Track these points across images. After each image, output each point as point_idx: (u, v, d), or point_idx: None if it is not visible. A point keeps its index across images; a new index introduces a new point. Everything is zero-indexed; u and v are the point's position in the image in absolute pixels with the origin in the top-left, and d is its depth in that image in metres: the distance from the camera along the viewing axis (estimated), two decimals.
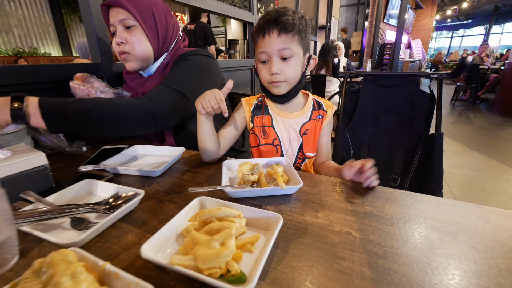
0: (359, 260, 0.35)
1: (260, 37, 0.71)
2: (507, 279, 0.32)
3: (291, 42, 0.70)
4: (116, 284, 0.30)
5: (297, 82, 0.76)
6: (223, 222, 0.39)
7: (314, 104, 0.82)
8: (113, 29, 0.80)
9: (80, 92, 0.78)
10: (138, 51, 0.80)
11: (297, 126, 0.80)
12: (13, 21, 5.22)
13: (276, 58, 0.71)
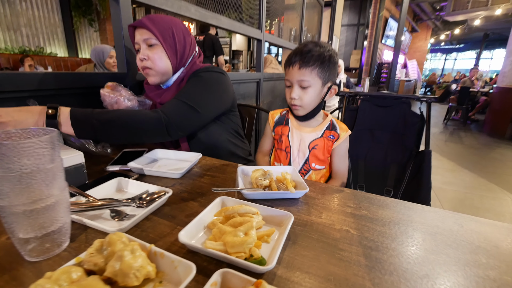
0: (356, 252, 0.43)
1: (287, 67, 0.88)
2: (472, 269, 0.40)
3: (309, 75, 0.83)
4: (162, 262, 0.38)
5: (313, 108, 0.91)
6: (244, 217, 0.47)
7: (330, 125, 0.95)
8: (137, 46, 0.90)
9: (110, 99, 0.86)
10: (159, 66, 0.89)
11: (307, 141, 0.93)
12: (23, 20, 5.27)
13: (296, 86, 0.86)
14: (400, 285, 0.37)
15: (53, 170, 0.38)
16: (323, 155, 0.93)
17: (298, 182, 0.66)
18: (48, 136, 0.37)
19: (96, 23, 6.34)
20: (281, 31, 3.36)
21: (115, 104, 0.88)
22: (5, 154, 0.34)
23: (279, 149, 0.98)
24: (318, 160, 0.94)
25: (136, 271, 0.33)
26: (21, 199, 0.36)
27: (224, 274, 0.34)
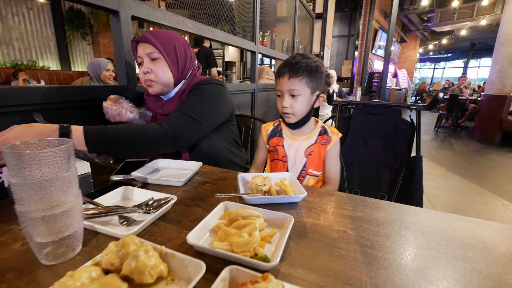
0: (353, 250, 0.46)
1: (277, 78, 0.93)
2: (460, 263, 0.44)
3: (299, 84, 0.88)
4: (173, 262, 0.40)
5: (304, 115, 0.95)
6: (247, 220, 0.50)
7: (321, 131, 1.00)
8: (140, 60, 0.94)
9: (112, 111, 0.89)
10: (162, 79, 0.93)
11: (303, 148, 0.97)
12: (15, 34, 5.28)
13: (287, 95, 0.91)
14: (394, 278, 0.40)
15: (69, 177, 0.41)
16: (319, 160, 0.97)
17: (296, 187, 0.69)
18: (65, 146, 0.40)
19: (89, 37, 6.39)
20: (274, 42, 3.46)
21: (117, 116, 0.91)
22: (27, 162, 0.36)
23: (276, 160, 1.01)
24: (315, 166, 0.97)
25: (150, 269, 0.35)
26: (40, 205, 0.38)
27: (232, 271, 0.37)
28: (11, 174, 0.37)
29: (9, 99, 0.77)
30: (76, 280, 0.32)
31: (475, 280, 0.40)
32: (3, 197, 0.62)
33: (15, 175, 0.36)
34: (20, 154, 0.36)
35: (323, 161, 1.00)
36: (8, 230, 0.50)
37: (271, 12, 2.80)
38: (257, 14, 2.20)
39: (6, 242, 0.47)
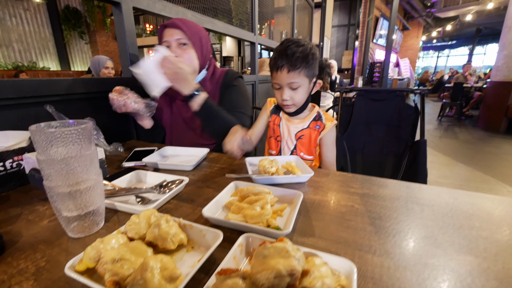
0: (362, 221, 0.49)
1: (274, 70, 0.89)
2: (466, 231, 0.46)
3: (298, 76, 0.86)
4: (191, 232, 0.42)
5: (303, 103, 0.95)
6: (258, 196, 0.52)
7: (316, 116, 1.00)
8: (166, 44, 0.97)
9: (118, 102, 0.91)
10: (191, 65, 0.97)
11: (294, 131, 0.99)
12: (14, 36, 5.31)
13: (286, 88, 0.89)
14: (403, 244, 0.42)
15: (91, 156, 0.43)
16: (310, 145, 0.99)
17: (303, 168, 0.71)
18: (85, 126, 0.42)
19: (86, 36, 6.40)
20: (272, 34, 3.44)
21: (123, 107, 0.93)
22: (53, 140, 0.38)
23: (272, 137, 1.04)
24: (306, 150, 0.99)
25: (172, 236, 0.38)
26: (66, 181, 0.40)
27: (248, 238, 0.39)
28: (39, 151, 0.39)
29: (22, 91, 0.79)
30: (107, 244, 0.34)
31: (481, 245, 0.42)
32: (25, 183, 0.65)
33: (43, 152, 0.39)
34: (46, 132, 0.38)
35: (319, 148, 1.00)
36: (34, 210, 0.53)
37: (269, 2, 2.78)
38: (256, 4, 2.19)
39: (34, 220, 0.49)
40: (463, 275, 0.36)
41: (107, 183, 0.59)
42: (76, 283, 0.34)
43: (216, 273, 0.30)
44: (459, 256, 0.39)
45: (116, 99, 0.93)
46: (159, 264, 0.31)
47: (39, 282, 0.35)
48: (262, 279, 0.27)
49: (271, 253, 0.30)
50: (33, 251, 0.41)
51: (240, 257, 0.37)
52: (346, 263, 0.34)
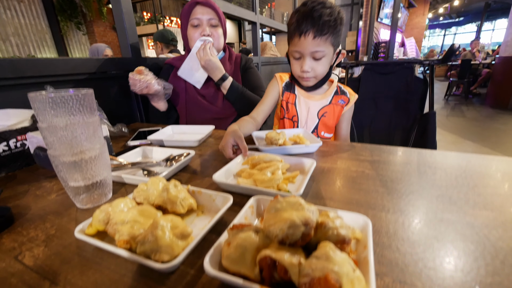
0: (373, 184, 0.47)
1: (296, 35, 0.76)
2: (481, 189, 0.44)
3: (324, 44, 0.75)
4: (201, 198, 0.42)
5: (324, 76, 0.84)
6: (270, 163, 0.51)
7: (338, 90, 0.90)
8: (197, 22, 0.98)
9: (141, 83, 0.89)
10: (220, 44, 1.03)
11: (316, 108, 0.88)
12: (10, 30, 5.24)
13: (309, 57, 0.77)
14: (417, 202, 0.41)
15: (94, 124, 0.42)
16: (333, 122, 0.91)
17: (311, 139, 0.70)
18: (85, 92, 0.41)
19: (83, 26, 6.29)
20: (273, 16, 3.34)
21: (145, 89, 0.91)
22: (53, 106, 0.37)
23: (285, 118, 0.92)
24: (327, 128, 0.91)
25: (181, 200, 0.37)
26: (70, 150, 0.40)
27: (259, 199, 0.38)
28: (40, 119, 0.38)
29: (21, 71, 0.78)
30: (115, 207, 0.34)
31: (496, 201, 0.41)
32: (31, 163, 0.65)
33: (44, 120, 0.38)
34: (46, 97, 0.37)
35: (338, 123, 0.93)
36: (41, 186, 0.53)
37: None
38: None
39: (42, 195, 0.49)
40: (479, 227, 0.35)
41: (113, 158, 0.59)
42: (87, 247, 0.34)
43: (228, 229, 0.30)
44: (474, 211, 0.38)
45: (139, 80, 0.90)
46: (170, 223, 0.31)
47: (50, 248, 0.34)
48: (276, 231, 0.27)
49: (283, 206, 0.29)
50: (42, 221, 0.41)
51: (251, 218, 0.36)
52: (360, 218, 0.33)
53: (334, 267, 0.23)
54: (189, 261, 0.30)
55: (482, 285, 0.26)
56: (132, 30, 1.09)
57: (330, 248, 0.25)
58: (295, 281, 0.23)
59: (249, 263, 0.26)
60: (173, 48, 2.30)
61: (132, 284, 0.28)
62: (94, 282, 0.28)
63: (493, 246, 0.31)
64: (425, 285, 0.26)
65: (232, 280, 0.25)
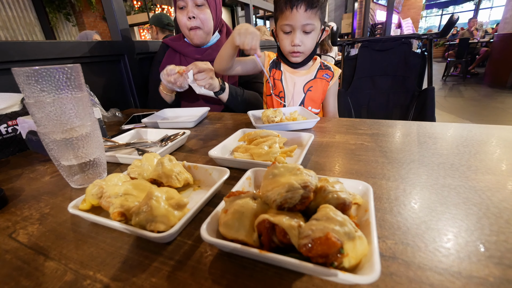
0: (373, 155, 0.47)
1: (287, 8, 0.77)
2: (483, 155, 0.44)
3: (314, 18, 0.77)
4: (197, 172, 0.41)
5: (311, 52, 0.86)
6: (266, 138, 0.50)
7: (321, 65, 0.92)
8: (182, 4, 0.91)
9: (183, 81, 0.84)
10: (208, 27, 0.94)
11: (301, 83, 0.90)
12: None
13: (299, 31, 0.79)
14: (419, 171, 0.40)
15: (83, 99, 0.40)
16: (319, 96, 0.92)
17: (308, 115, 0.68)
18: (72, 65, 0.39)
19: (72, 17, 6.10)
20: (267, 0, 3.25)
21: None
22: (38, 80, 0.36)
23: (272, 95, 0.94)
24: (314, 103, 0.92)
25: (177, 174, 0.36)
26: (59, 127, 0.38)
27: (256, 171, 0.37)
28: (26, 95, 0.36)
29: (8, 55, 0.75)
30: (109, 181, 0.33)
31: (500, 166, 0.40)
32: (24, 149, 0.63)
33: (31, 95, 0.36)
34: (31, 70, 0.35)
35: (325, 98, 0.94)
36: (35, 170, 0.52)
37: None
38: None
39: (36, 177, 0.48)
40: (482, 190, 0.34)
41: (107, 139, 0.57)
42: (82, 223, 0.33)
43: (225, 197, 0.29)
44: (477, 176, 0.37)
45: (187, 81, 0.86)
46: (165, 195, 0.30)
47: (45, 225, 0.34)
48: (274, 195, 0.26)
49: (281, 172, 0.28)
50: (36, 201, 0.40)
51: (249, 189, 0.36)
52: (360, 184, 0.32)
53: (335, 226, 0.22)
54: (186, 232, 0.30)
55: (487, 244, 0.25)
56: (121, 13, 1.05)
57: (331, 209, 0.24)
58: (295, 243, 0.23)
59: (247, 229, 0.25)
60: (168, 33, 2.24)
61: (129, 255, 0.27)
62: (89, 255, 0.27)
63: (497, 207, 0.31)
64: (428, 246, 0.26)
65: (231, 246, 0.24)
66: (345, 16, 8.36)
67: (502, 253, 0.24)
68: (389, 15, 6.93)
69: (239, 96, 0.92)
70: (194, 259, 0.26)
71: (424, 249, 0.25)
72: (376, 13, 8.30)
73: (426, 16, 17.49)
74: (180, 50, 1.01)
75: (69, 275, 0.25)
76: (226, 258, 0.26)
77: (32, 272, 0.26)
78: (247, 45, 0.70)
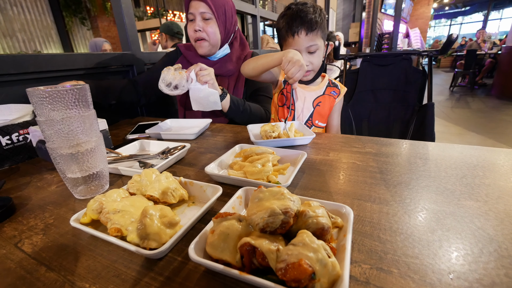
0: (362, 175, 0.48)
1: (289, 36, 0.85)
2: (469, 179, 0.45)
3: (316, 38, 0.84)
4: (192, 189, 0.43)
5: (319, 68, 0.93)
6: (261, 155, 0.52)
7: (330, 83, 0.99)
8: (191, 17, 0.95)
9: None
10: (213, 40, 0.97)
11: (311, 98, 0.97)
12: (16, 26, 5.27)
13: (305, 53, 0.86)
14: (404, 193, 0.42)
15: (90, 117, 0.43)
16: (326, 111, 0.98)
17: (305, 131, 0.70)
18: (81, 87, 0.42)
19: (87, 21, 6.30)
20: (275, 9, 3.31)
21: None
22: (49, 101, 0.39)
23: (285, 106, 1.00)
24: (321, 117, 0.98)
25: (172, 191, 0.39)
26: (67, 142, 0.41)
27: (247, 191, 0.39)
28: (38, 113, 0.39)
29: (23, 67, 0.79)
30: (108, 197, 0.35)
31: (482, 191, 0.41)
32: (33, 156, 0.67)
33: (42, 113, 0.39)
34: (43, 91, 0.38)
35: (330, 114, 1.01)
36: (42, 178, 0.55)
37: None
38: None
39: (43, 186, 0.51)
40: (461, 217, 0.35)
41: (110, 150, 0.60)
42: (82, 235, 0.36)
43: (214, 218, 0.31)
44: (459, 202, 0.39)
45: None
46: (159, 212, 0.32)
47: (48, 235, 0.36)
48: (257, 219, 0.28)
49: (266, 196, 0.30)
50: (42, 211, 0.43)
51: (239, 208, 0.38)
52: (343, 208, 0.34)
53: (308, 253, 0.24)
54: (177, 249, 0.32)
55: (456, 273, 0.27)
56: (131, 26, 1.10)
57: (307, 235, 0.26)
58: (272, 266, 0.25)
59: (231, 250, 0.27)
60: (177, 41, 2.30)
61: (122, 269, 0.29)
62: (87, 267, 0.30)
63: (474, 235, 0.32)
64: (401, 272, 0.27)
65: (213, 266, 0.26)
66: (352, 25, 8.40)
67: (469, 283, 0.26)
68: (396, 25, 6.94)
69: (240, 105, 0.94)
70: (181, 275, 0.28)
71: (397, 275, 0.27)
72: (384, 23, 8.32)
73: (434, 26, 17.42)
74: (190, 59, 1.06)
75: (67, 287, 0.27)
76: (211, 277, 0.28)
77: (34, 282, 0.28)
78: (291, 74, 0.71)
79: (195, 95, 0.81)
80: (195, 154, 0.64)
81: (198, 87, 0.80)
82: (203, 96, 0.81)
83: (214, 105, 0.83)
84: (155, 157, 0.59)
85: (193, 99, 0.82)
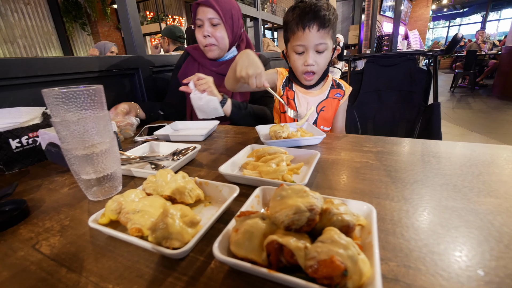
0: (377, 173, 0.48)
1: (299, 29, 0.78)
2: (486, 176, 0.45)
3: (327, 37, 0.78)
4: (208, 189, 0.43)
5: (323, 71, 0.87)
6: (274, 155, 0.52)
7: (333, 84, 0.93)
8: (199, 23, 0.97)
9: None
10: (222, 44, 0.99)
11: (314, 103, 0.91)
12: (17, 32, 5.31)
13: (312, 51, 0.80)
14: (421, 191, 0.41)
15: (104, 118, 0.43)
16: (331, 115, 0.93)
17: (314, 131, 0.70)
18: (96, 87, 0.42)
19: (88, 27, 6.36)
20: (275, 12, 3.33)
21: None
22: (65, 101, 0.38)
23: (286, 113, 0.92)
24: (326, 122, 0.93)
25: (189, 191, 0.38)
26: (81, 144, 0.41)
27: (264, 190, 0.39)
28: (53, 114, 0.39)
29: (32, 70, 0.79)
30: (127, 197, 0.35)
31: (501, 188, 0.41)
32: (42, 159, 0.67)
33: (58, 114, 0.39)
34: (59, 92, 0.38)
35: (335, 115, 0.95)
36: (54, 180, 0.55)
37: None
38: None
39: (55, 188, 0.51)
40: (483, 213, 0.35)
41: (122, 152, 0.60)
42: (100, 236, 0.35)
43: (236, 216, 0.31)
44: (479, 199, 0.38)
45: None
46: (179, 212, 0.32)
47: (65, 237, 0.36)
48: (282, 217, 0.27)
49: (289, 194, 0.30)
50: (56, 213, 0.42)
51: (258, 207, 0.37)
52: (364, 205, 0.33)
53: (339, 249, 0.23)
54: (198, 248, 0.32)
55: (486, 269, 0.26)
56: (137, 29, 1.10)
57: (335, 232, 0.25)
58: (301, 264, 0.24)
59: (256, 248, 0.27)
60: (180, 45, 2.31)
61: (145, 270, 0.29)
62: (108, 268, 0.29)
63: (498, 231, 0.32)
64: (429, 269, 0.27)
65: (241, 264, 0.26)
66: (352, 28, 8.45)
67: (501, 279, 0.25)
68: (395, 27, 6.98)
69: (242, 108, 0.94)
70: (206, 275, 0.28)
71: (426, 272, 0.26)
72: (383, 25, 8.37)
73: (433, 27, 17.49)
74: (198, 60, 1.07)
75: (90, 287, 0.27)
76: (236, 276, 0.27)
77: (56, 283, 0.28)
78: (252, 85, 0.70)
79: (196, 103, 0.86)
80: (205, 155, 0.64)
81: (198, 96, 0.85)
82: (204, 104, 0.85)
83: (215, 111, 0.86)
84: (166, 158, 0.59)
85: (196, 108, 0.87)
